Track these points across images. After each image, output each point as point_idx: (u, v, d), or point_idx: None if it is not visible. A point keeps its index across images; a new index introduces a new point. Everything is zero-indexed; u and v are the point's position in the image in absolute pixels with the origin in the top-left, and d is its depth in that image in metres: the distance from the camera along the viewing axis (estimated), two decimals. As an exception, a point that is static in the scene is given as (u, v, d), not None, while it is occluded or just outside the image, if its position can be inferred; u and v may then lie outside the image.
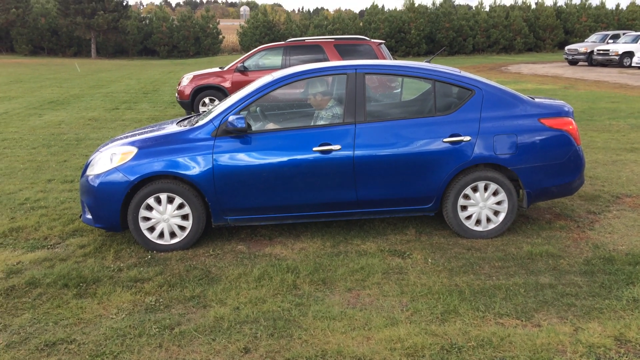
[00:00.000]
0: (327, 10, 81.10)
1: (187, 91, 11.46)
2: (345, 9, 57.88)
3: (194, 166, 4.40)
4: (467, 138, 4.55)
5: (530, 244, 4.54)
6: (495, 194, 4.67)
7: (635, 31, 34.30)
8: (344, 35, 24.22)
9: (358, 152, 4.49)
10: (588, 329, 3.17)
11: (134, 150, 4.48)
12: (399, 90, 5.67)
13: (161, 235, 4.55)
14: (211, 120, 4.56)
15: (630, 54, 27.06)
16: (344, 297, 3.70)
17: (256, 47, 17.12)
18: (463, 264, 4.16)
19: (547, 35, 47.43)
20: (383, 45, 11.76)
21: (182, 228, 4.55)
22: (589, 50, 29.32)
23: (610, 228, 4.90)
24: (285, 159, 4.48)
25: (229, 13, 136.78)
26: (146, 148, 4.49)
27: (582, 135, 9.34)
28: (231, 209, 4.53)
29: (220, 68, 12.10)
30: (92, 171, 4.57)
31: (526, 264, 4.16)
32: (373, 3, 47.00)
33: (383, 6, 50.37)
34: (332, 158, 4.48)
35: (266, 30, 44.90)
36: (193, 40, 45.69)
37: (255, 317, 3.41)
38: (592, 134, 9.47)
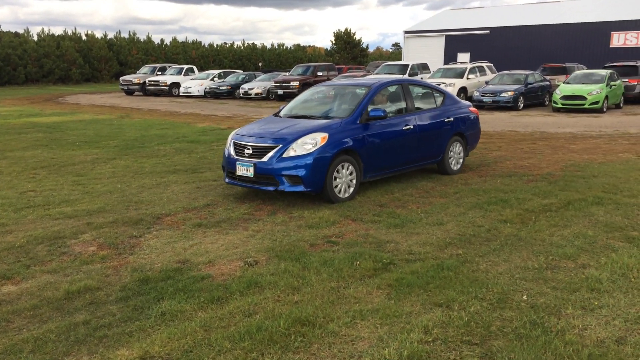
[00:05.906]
0: None
1: None
2: None
3: (358, 141, 6.87)
4: (452, 119, 8.35)
5: (68, 282, 4.33)
6: (456, 147, 8.62)
7: (179, 64, 38.47)
8: None
9: (419, 128, 7.77)
10: (116, 357, 3.18)
11: (327, 135, 6.62)
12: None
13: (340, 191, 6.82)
14: (354, 113, 7.07)
15: (177, 84, 30.17)
16: None
17: None
18: (-13, 325, 3.62)
19: (103, 66, 48.34)
20: None
21: (350, 186, 6.91)
22: (142, 81, 31.25)
23: (149, 249, 5.15)
24: (395, 132, 7.41)
25: None
26: (331, 133, 6.68)
27: (134, 162, 9.80)
28: (370, 169, 7.12)
29: None
30: (295, 153, 6.50)
31: (62, 305, 3.93)
32: None
33: None
34: (410, 132, 7.62)
35: None
36: None
37: None
38: (142, 160, 10.00)
